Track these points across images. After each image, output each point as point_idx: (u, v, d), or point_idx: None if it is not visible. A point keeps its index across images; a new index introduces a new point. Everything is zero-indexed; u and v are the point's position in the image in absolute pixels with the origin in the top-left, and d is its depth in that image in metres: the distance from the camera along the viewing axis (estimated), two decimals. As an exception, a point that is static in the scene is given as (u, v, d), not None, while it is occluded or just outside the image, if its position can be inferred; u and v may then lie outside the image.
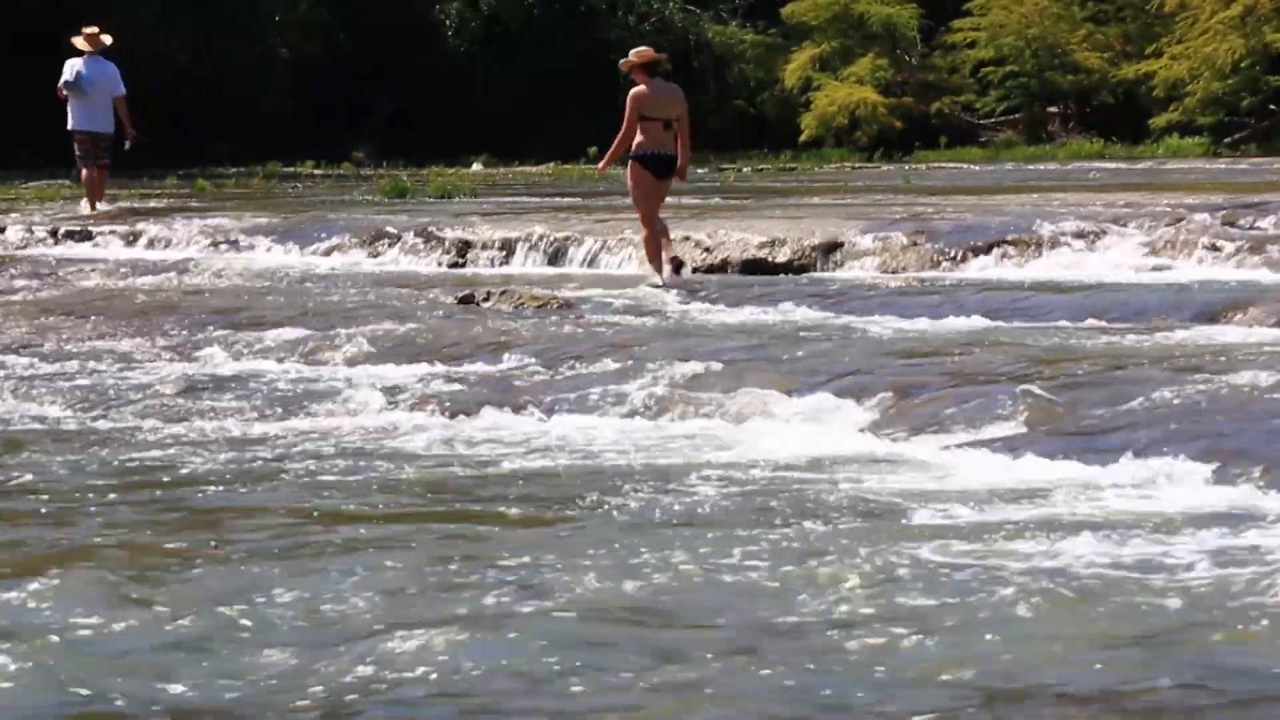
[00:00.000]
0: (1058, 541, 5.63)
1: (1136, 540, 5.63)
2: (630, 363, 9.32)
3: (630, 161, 13.77)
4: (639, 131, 13.58)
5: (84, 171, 21.07)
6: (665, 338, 10.33)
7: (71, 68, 20.60)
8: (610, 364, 9.35)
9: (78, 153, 20.93)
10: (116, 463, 7.34)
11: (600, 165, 14.13)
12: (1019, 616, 4.84)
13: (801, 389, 8.44)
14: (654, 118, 13.58)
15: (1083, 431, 7.35)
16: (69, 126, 20.69)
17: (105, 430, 8.15)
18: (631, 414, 8.33)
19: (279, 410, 8.60)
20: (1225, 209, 15.58)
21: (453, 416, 8.41)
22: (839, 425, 7.91)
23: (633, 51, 13.91)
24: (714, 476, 6.90)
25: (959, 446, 7.38)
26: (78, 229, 19.49)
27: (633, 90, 13.62)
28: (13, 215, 20.97)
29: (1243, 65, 40.05)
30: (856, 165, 39.66)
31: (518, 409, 8.50)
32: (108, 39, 20.68)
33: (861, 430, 7.82)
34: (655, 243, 13.83)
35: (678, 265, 13.59)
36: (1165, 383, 7.88)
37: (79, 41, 20.79)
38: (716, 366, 9.01)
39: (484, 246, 16.70)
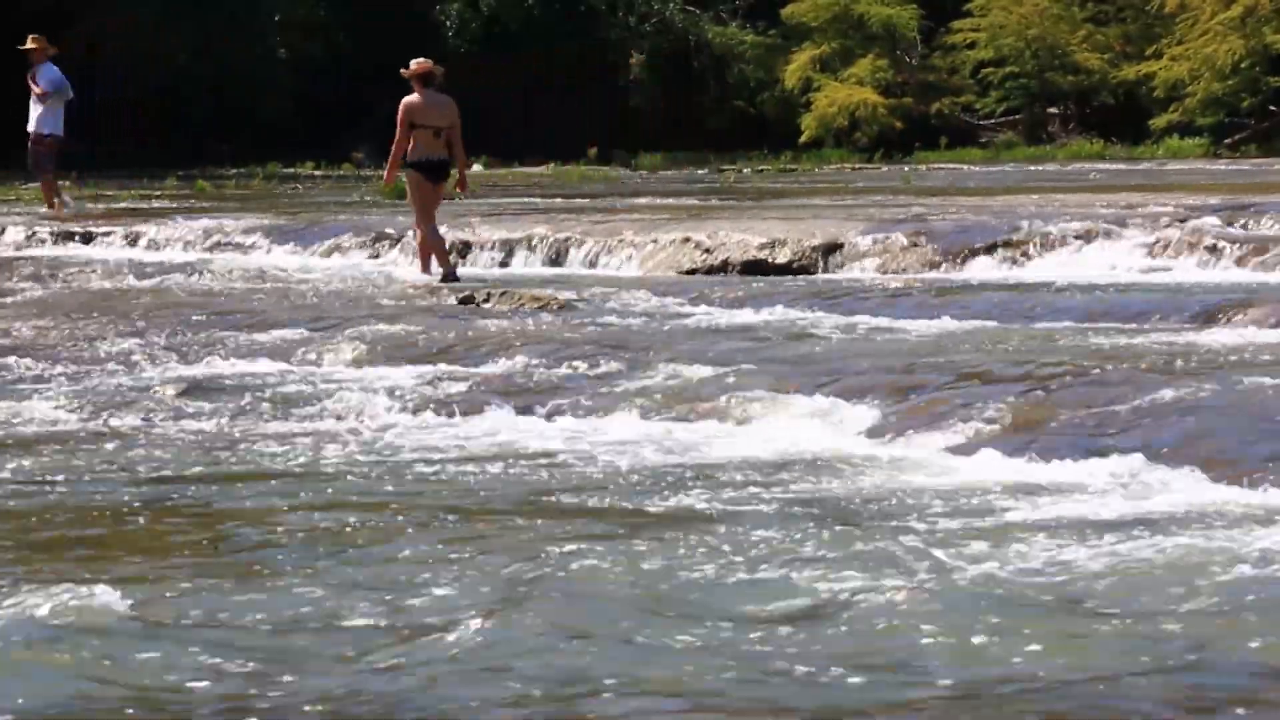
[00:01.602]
0: (1058, 541, 5.63)
1: (1136, 540, 5.63)
2: (630, 364, 9.32)
3: (408, 169, 14.63)
4: (411, 140, 14.44)
5: (47, 175, 21.29)
6: (666, 339, 10.34)
7: (57, 73, 20.77)
8: (610, 365, 9.36)
9: (43, 156, 21.03)
10: (117, 464, 7.34)
11: (385, 178, 15.48)
12: (1019, 616, 4.84)
13: (802, 390, 8.44)
14: (424, 125, 14.41)
15: (1082, 433, 7.36)
16: (47, 131, 20.76)
17: (106, 431, 8.15)
18: (632, 415, 8.33)
19: (279, 411, 8.60)
20: (1225, 210, 15.58)
21: (453, 417, 8.41)
22: (839, 426, 7.91)
23: (412, 62, 14.70)
24: (714, 477, 6.90)
25: (959, 447, 7.38)
26: (78, 230, 19.50)
27: (404, 100, 14.48)
28: (12, 216, 20.99)
29: (1243, 66, 40.06)
30: (856, 166, 39.65)
31: (518, 410, 8.50)
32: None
33: (862, 431, 7.82)
34: (430, 243, 14.75)
35: (449, 276, 14.41)
36: (1165, 384, 7.88)
37: (33, 46, 20.88)
38: (717, 367, 9.01)
39: (484, 247, 16.71)
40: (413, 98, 14.43)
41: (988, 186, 25.23)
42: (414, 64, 14.63)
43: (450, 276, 14.34)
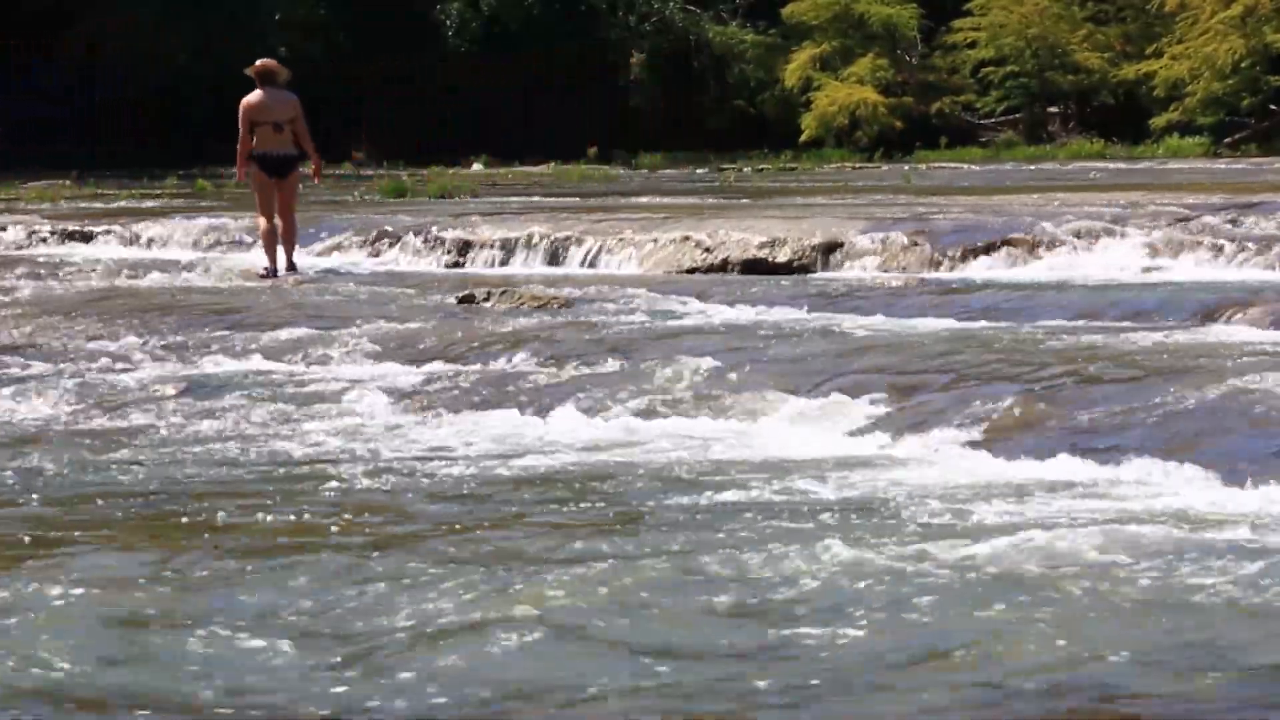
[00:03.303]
0: (1056, 542, 5.63)
1: (1133, 540, 5.63)
2: (630, 363, 9.33)
3: (250, 162, 15.38)
4: (254, 136, 15.21)
5: None
6: (665, 338, 10.34)
7: None
8: (610, 364, 9.36)
9: None
10: (117, 464, 7.34)
11: (239, 175, 16.26)
12: (1018, 616, 4.84)
13: (801, 389, 8.44)
14: (263, 121, 15.20)
15: (1082, 432, 7.36)
16: None
17: (105, 431, 8.15)
18: (632, 414, 8.33)
19: (279, 411, 8.60)
20: (1225, 209, 15.58)
21: (453, 416, 8.41)
22: (838, 425, 7.91)
23: (257, 61, 15.51)
24: (714, 476, 6.90)
25: (958, 446, 7.38)
26: (78, 229, 19.52)
27: (243, 100, 15.28)
28: (13, 215, 21.00)
29: (1243, 65, 40.08)
30: (857, 165, 39.65)
31: (518, 409, 8.50)
32: None
33: (861, 430, 7.83)
34: (272, 234, 15.38)
35: (291, 267, 15.36)
36: (1164, 383, 7.88)
37: None
38: (716, 366, 9.01)
39: (484, 246, 16.72)
40: (250, 96, 15.17)
41: (988, 186, 25.23)
42: (258, 63, 15.40)
43: (270, 275, 15.06)
